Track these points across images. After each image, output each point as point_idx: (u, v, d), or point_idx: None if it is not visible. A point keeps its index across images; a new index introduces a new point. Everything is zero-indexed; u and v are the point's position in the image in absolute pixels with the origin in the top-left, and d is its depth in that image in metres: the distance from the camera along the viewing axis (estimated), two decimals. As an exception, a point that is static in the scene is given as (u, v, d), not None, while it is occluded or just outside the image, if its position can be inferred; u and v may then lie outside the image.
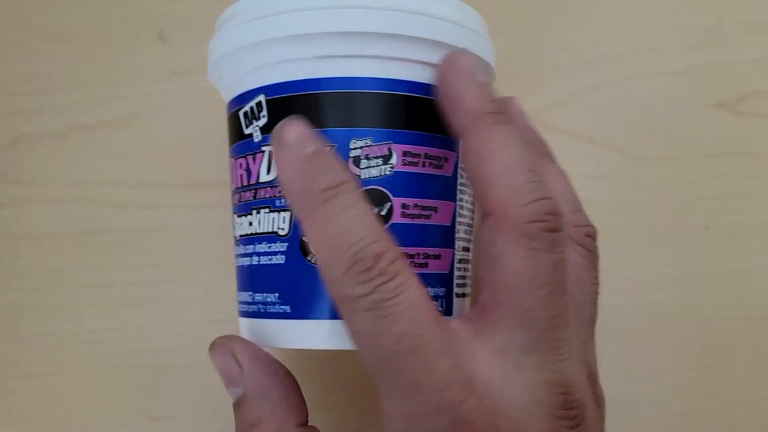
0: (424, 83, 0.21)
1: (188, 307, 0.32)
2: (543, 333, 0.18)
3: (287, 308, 0.21)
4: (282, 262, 0.21)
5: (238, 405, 0.21)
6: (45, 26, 0.34)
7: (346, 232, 0.18)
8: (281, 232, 0.21)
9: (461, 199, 0.23)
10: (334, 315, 0.20)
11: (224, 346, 0.22)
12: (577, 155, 0.33)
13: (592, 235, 0.22)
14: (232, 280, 0.32)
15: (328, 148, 0.20)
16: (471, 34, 0.22)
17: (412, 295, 0.18)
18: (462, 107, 0.20)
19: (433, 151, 0.22)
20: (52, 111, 0.34)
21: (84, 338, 0.33)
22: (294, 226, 0.21)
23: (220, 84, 0.25)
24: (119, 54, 0.34)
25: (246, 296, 0.22)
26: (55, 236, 0.33)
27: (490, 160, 0.19)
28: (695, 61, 0.33)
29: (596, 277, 0.22)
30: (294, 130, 0.19)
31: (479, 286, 0.20)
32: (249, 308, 0.22)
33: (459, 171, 0.23)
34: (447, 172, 0.22)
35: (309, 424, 0.22)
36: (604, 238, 0.25)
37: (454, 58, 0.21)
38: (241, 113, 0.22)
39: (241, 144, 0.22)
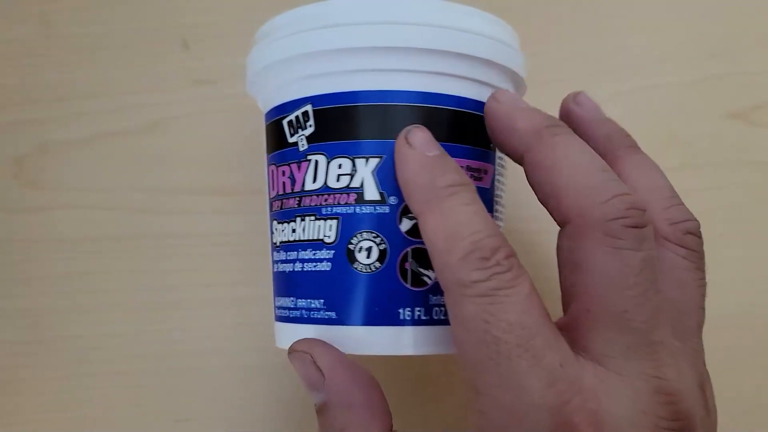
0: (465, 98, 0.22)
1: (209, 311, 0.33)
2: (640, 336, 0.18)
3: (332, 314, 0.21)
4: (328, 269, 0.21)
5: (320, 411, 0.21)
6: (71, 35, 0.35)
7: (467, 222, 0.18)
8: (327, 240, 0.21)
9: (497, 210, 0.24)
10: (381, 321, 0.21)
11: (303, 352, 0.21)
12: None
13: (693, 231, 0.21)
14: (252, 285, 0.33)
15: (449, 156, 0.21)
16: (506, 48, 0.23)
17: (525, 290, 0.18)
18: (517, 129, 0.21)
19: (474, 164, 0.22)
20: (77, 118, 0.34)
21: (106, 342, 0.33)
22: (341, 233, 0.21)
23: (258, 93, 0.25)
24: (143, 63, 0.34)
25: (287, 301, 0.23)
26: (79, 241, 0.34)
27: (558, 170, 0.19)
28: (709, 72, 0.34)
29: (702, 279, 0.21)
30: (420, 134, 0.20)
31: (565, 298, 0.20)
32: (290, 313, 0.23)
33: (495, 183, 0.23)
34: (486, 183, 0.23)
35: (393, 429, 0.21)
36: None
37: (497, 94, 0.22)
38: (284, 122, 0.23)
39: (284, 152, 0.23)
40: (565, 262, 0.20)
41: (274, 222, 0.24)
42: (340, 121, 0.21)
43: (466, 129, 0.22)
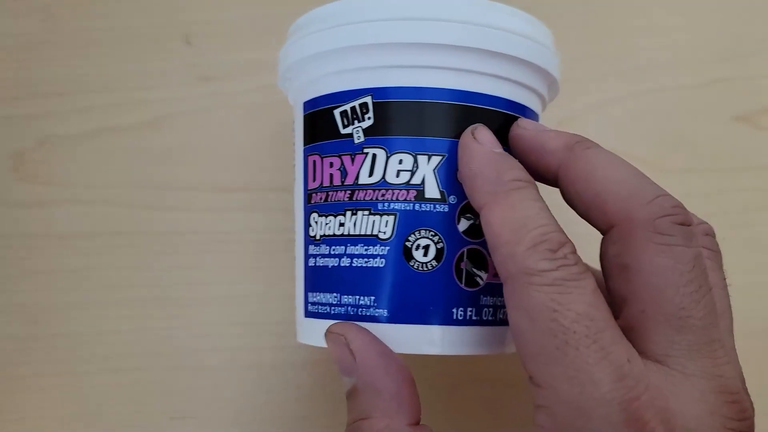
0: (509, 100, 0.22)
1: (209, 309, 0.32)
2: (699, 334, 0.18)
3: (384, 312, 0.21)
4: (381, 265, 0.21)
5: (349, 395, 0.21)
6: (74, 30, 0.34)
7: (535, 216, 0.19)
8: (382, 236, 0.21)
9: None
10: (435, 320, 0.21)
11: (337, 333, 0.21)
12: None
13: (711, 233, 0.22)
14: (252, 283, 0.32)
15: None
16: (542, 48, 0.23)
17: (592, 285, 0.18)
18: (548, 150, 0.21)
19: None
20: (79, 113, 0.33)
21: (105, 338, 0.32)
22: (398, 230, 0.21)
23: (293, 84, 0.24)
24: (146, 58, 0.34)
25: (328, 297, 0.22)
26: (79, 236, 0.32)
27: (596, 179, 0.20)
28: (717, 76, 0.35)
29: (725, 279, 0.21)
30: (486, 133, 0.21)
31: (614, 305, 0.20)
32: (332, 309, 0.22)
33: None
34: (529, 188, 0.23)
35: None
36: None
37: (521, 122, 0.22)
38: (336, 112, 0.22)
39: (334, 143, 0.22)
40: (612, 268, 0.20)
41: (314, 214, 0.23)
42: (404, 116, 0.21)
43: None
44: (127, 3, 0.34)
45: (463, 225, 0.21)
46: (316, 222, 0.23)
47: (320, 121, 0.22)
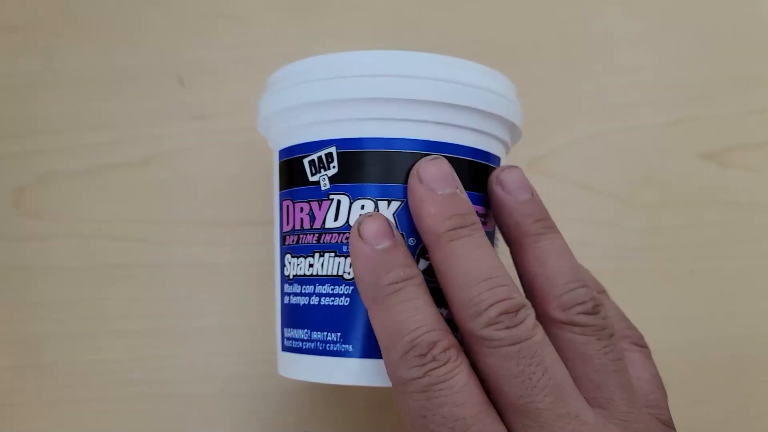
0: (473, 148, 0.24)
1: (202, 340, 0.34)
2: (547, 413, 0.20)
3: (349, 347, 0.22)
4: (346, 304, 0.23)
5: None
6: (72, 70, 0.36)
7: (406, 321, 0.20)
8: (347, 276, 0.23)
9: (496, 246, 0.26)
10: (397, 356, 0.22)
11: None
12: (574, 201, 0.36)
13: (585, 311, 0.22)
14: (245, 315, 0.34)
15: (402, 242, 0.22)
16: (502, 99, 0.25)
17: (460, 381, 0.20)
18: (512, 220, 0.23)
19: (482, 210, 0.24)
20: (76, 150, 0.35)
21: (102, 368, 0.33)
22: (360, 271, 0.22)
23: (270, 132, 0.26)
24: (142, 97, 0.36)
25: (300, 333, 0.24)
26: (77, 269, 0.34)
27: (449, 280, 0.21)
28: (684, 115, 0.36)
29: (607, 347, 0.22)
30: (372, 224, 0.21)
31: None
32: (303, 345, 0.23)
33: (495, 227, 0.25)
34: (490, 227, 0.25)
35: None
36: (598, 279, 0.28)
37: (502, 178, 0.23)
38: (306, 161, 0.24)
39: (304, 189, 0.24)
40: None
41: (288, 255, 0.24)
42: (365, 165, 0.23)
43: (477, 178, 0.24)
44: (124, 45, 0.36)
45: (422, 265, 0.23)
46: (290, 262, 0.24)
47: (292, 169, 0.24)
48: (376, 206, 0.22)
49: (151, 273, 0.34)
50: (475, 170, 0.24)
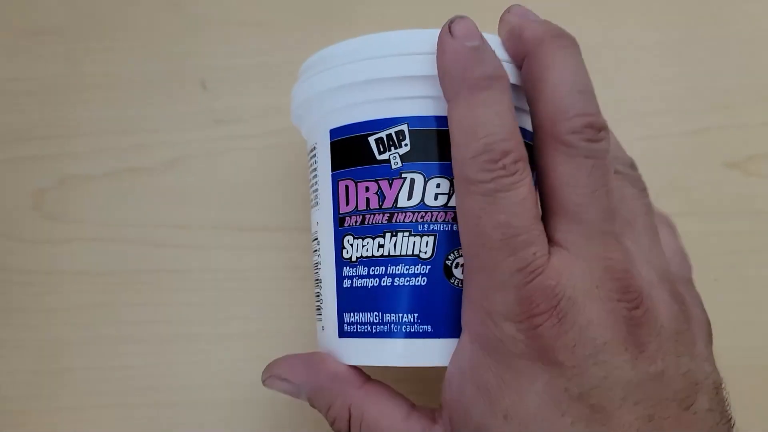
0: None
1: (223, 345, 0.33)
2: (594, 225, 0.21)
3: (428, 327, 0.22)
4: (423, 283, 0.22)
5: (313, 405, 0.24)
6: (95, 74, 0.35)
7: (485, 123, 0.20)
8: (423, 255, 0.22)
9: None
10: (477, 334, 0.22)
11: (270, 377, 0.25)
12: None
13: (630, 164, 0.25)
14: (265, 320, 0.33)
15: (491, 47, 0.21)
16: None
17: (521, 195, 0.20)
18: (523, 38, 0.22)
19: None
20: (98, 154, 0.34)
21: (120, 373, 0.32)
22: (438, 249, 0.22)
23: (310, 116, 0.25)
24: (164, 101, 0.35)
25: (369, 317, 0.23)
26: (96, 273, 0.33)
27: (543, 78, 0.21)
28: (708, 123, 0.36)
29: (642, 192, 0.25)
30: (463, 24, 0.21)
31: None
32: (374, 328, 0.23)
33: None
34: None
35: None
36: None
37: (512, 8, 0.23)
38: (372, 139, 0.23)
39: (370, 168, 0.23)
40: (534, 165, 0.22)
41: (348, 237, 0.24)
42: (439, 143, 0.22)
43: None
44: (147, 49, 0.36)
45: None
46: (352, 244, 0.24)
47: (353, 148, 0.23)
48: (452, 185, 0.22)
49: (172, 278, 0.33)
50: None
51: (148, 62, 0.36)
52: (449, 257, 0.22)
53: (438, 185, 0.22)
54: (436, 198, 0.22)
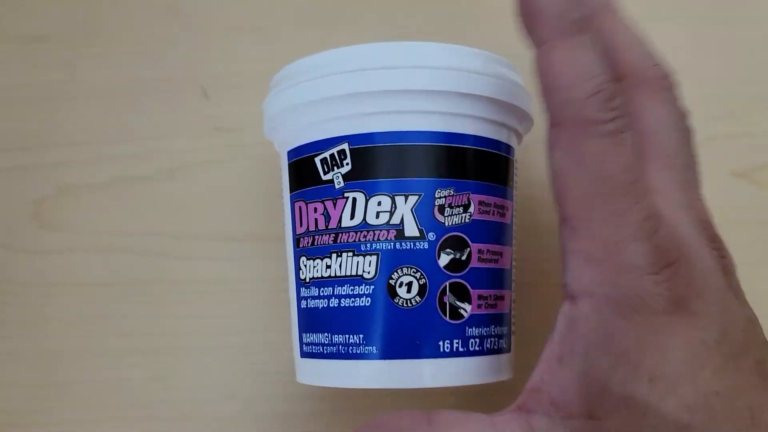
0: (493, 139, 0.23)
1: (224, 357, 0.33)
2: (682, 172, 0.21)
3: (372, 348, 0.22)
4: (367, 304, 0.22)
5: None
6: (95, 81, 0.36)
7: (595, 63, 0.19)
8: (367, 276, 0.22)
9: (514, 244, 0.25)
10: (422, 354, 0.21)
11: None
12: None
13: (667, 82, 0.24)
14: (265, 331, 0.33)
15: None
16: (513, 86, 0.24)
17: (629, 137, 0.19)
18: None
19: (499, 201, 0.23)
20: (97, 162, 0.35)
21: (119, 385, 0.33)
22: (381, 269, 0.22)
23: (277, 134, 0.25)
24: (164, 109, 0.35)
25: (321, 337, 0.23)
26: (96, 284, 0.34)
27: (614, 36, 0.22)
28: (715, 132, 0.35)
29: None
30: None
31: None
32: (324, 349, 0.23)
33: (513, 219, 0.25)
34: (507, 219, 0.24)
35: None
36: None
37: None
38: (317, 159, 0.23)
39: (317, 189, 0.23)
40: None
41: (303, 258, 0.24)
42: (380, 160, 0.22)
43: (497, 168, 0.23)
44: (147, 57, 0.36)
45: (443, 260, 0.22)
46: (305, 265, 0.24)
47: (303, 169, 0.24)
48: (394, 202, 0.22)
49: (171, 289, 0.34)
50: (490, 161, 0.23)
51: (147, 69, 0.36)
52: (392, 277, 0.22)
53: (379, 203, 0.22)
54: (377, 216, 0.22)
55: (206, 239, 0.34)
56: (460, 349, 0.22)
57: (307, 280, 0.23)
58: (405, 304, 0.22)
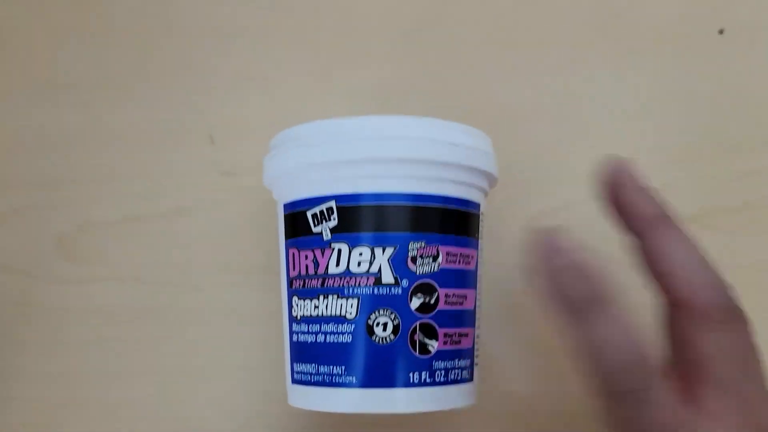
0: (461, 198, 0.27)
1: (226, 379, 0.37)
2: (741, 393, 0.22)
3: (353, 379, 0.25)
4: (349, 340, 0.26)
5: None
6: (112, 124, 0.40)
7: (621, 337, 0.22)
8: (349, 316, 0.26)
9: (479, 287, 0.29)
10: (398, 384, 0.25)
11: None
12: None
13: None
14: (265, 355, 0.37)
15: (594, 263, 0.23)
16: (480, 153, 0.28)
17: (662, 397, 0.22)
18: (636, 213, 0.25)
19: (465, 251, 0.27)
20: (114, 200, 0.39)
21: (132, 405, 0.37)
22: (361, 311, 0.25)
23: (275, 187, 0.29)
24: (175, 153, 0.39)
25: (309, 368, 0.27)
26: (111, 311, 0.38)
27: (665, 259, 0.24)
28: (669, 178, 0.36)
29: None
30: (562, 238, 0.23)
31: (673, 367, 0.24)
32: (312, 378, 0.26)
33: (478, 264, 0.28)
34: (472, 266, 0.28)
35: None
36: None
37: (618, 167, 0.25)
38: (309, 213, 0.27)
39: (308, 239, 0.27)
40: (674, 337, 0.24)
41: (295, 297, 0.27)
42: (361, 217, 0.26)
43: (462, 223, 0.27)
44: (160, 102, 0.40)
45: (414, 303, 0.26)
46: (297, 304, 0.27)
47: (297, 221, 0.27)
48: (373, 253, 0.26)
49: (179, 316, 0.37)
50: (456, 217, 0.27)
51: (161, 114, 0.39)
52: (371, 317, 0.25)
53: (361, 254, 0.26)
54: (359, 265, 0.26)
55: (211, 271, 0.38)
56: (428, 380, 0.26)
57: (298, 317, 0.27)
58: (381, 341, 0.25)
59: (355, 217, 0.26)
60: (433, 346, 0.26)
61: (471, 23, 0.39)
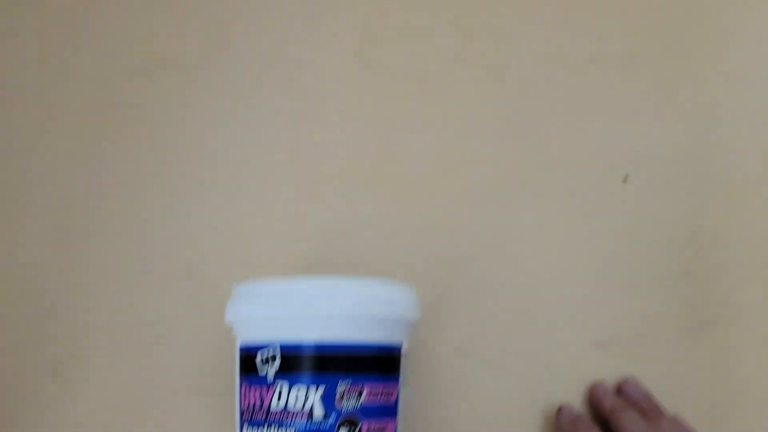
0: (384, 344, 0.33)
1: None
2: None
3: (289, 499, 0.31)
4: (288, 465, 0.31)
5: None
6: (106, 267, 0.45)
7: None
8: (289, 445, 0.31)
9: (399, 417, 0.34)
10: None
11: None
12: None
13: None
14: None
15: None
16: (402, 304, 0.34)
17: None
18: (603, 406, 0.41)
19: (387, 387, 0.33)
20: (102, 333, 0.44)
21: None
22: (297, 440, 0.31)
23: (232, 327, 0.35)
24: (153, 287, 0.44)
25: (253, 488, 0.32)
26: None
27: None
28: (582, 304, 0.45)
29: None
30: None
31: None
32: (256, 497, 0.31)
33: (398, 398, 0.34)
34: (393, 399, 0.33)
35: None
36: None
37: (597, 386, 0.43)
38: (258, 356, 0.33)
39: (256, 377, 0.32)
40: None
41: (245, 424, 0.33)
42: (301, 361, 0.32)
43: (385, 364, 0.33)
44: (139, 243, 0.45)
45: (339, 435, 0.31)
46: (246, 430, 0.33)
47: (248, 361, 0.33)
48: (307, 392, 0.31)
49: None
50: (381, 359, 0.33)
51: (140, 253, 0.45)
52: (305, 446, 0.31)
53: (298, 391, 0.31)
54: (296, 402, 0.31)
55: (182, 393, 0.43)
56: (352, 500, 0.31)
57: (247, 442, 0.33)
58: (313, 468, 0.31)
59: (296, 361, 0.32)
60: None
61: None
